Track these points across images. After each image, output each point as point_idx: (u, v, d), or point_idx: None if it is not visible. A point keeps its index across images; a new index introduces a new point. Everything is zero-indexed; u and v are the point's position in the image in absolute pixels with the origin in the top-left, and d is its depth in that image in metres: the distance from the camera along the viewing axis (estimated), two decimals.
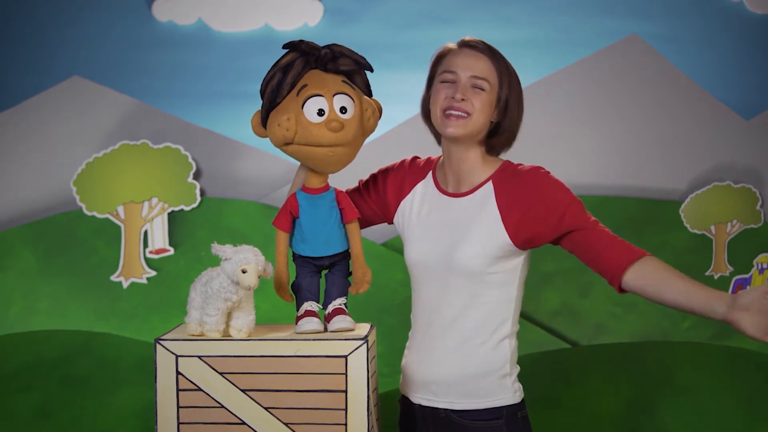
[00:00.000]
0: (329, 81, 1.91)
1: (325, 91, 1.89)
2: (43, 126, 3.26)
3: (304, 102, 1.88)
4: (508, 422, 2.02)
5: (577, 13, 3.37)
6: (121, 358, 3.21)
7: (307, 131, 1.89)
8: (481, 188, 2.02)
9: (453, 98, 1.97)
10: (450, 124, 1.98)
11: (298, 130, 1.89)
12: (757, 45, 3.46)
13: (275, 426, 1.88)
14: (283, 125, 1.89)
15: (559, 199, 1.96)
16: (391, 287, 3.26)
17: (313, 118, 1.88)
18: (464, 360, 2.02)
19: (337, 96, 1.90)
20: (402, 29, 3.31)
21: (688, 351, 3.41)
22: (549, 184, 1.97)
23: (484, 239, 1.97)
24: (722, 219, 3.47)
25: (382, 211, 2.17)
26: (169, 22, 3.27)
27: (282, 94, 1.90)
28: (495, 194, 1.99)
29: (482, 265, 1.97)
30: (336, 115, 1.89)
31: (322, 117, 1.88)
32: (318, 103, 1.88)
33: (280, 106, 1.90)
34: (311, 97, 1.88)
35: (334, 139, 1.89)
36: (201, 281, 1.94)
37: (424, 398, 2.07)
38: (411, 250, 2.08)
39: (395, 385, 2.94)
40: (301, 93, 1.89)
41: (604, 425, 3.28)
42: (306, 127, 1.88)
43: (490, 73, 1.98)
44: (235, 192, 3.31)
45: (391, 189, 2.15)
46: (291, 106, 1.89)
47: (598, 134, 3.41)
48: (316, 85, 1.89)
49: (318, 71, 1.92)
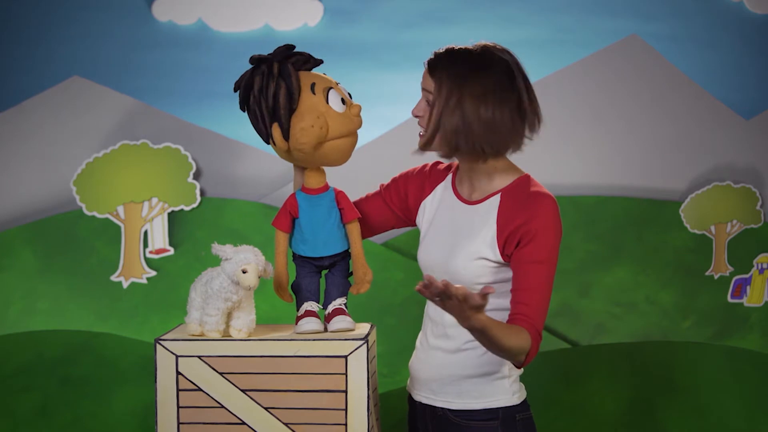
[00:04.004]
0: (320, 75, 1.94)
1: (333, 84, 1.94)
2: (43, 126, 3.26)
3: (326, 97, 1.91)
4: (504, 424, 2.02)
5: (577, 13, 3.37)
6: (121, 358, 3.21)
7: (341, 122, 1.91)
8: (489, 199, 2.02)
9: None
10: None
11: (330, 124, 1.90)
12: (757, 45, 3.46)
13: (275, 426, 1.88)
14: (317, 124, 1.89)
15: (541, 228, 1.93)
16: (391, 287, 3.26)
17: (340, 109, 1.92)
18: (463, 362, 2.03)
19: (339, 86, 1.95)
20: (402, 29, 3.30)
21: (688, 351, 3.41)
22: (546, 213, 1.95)
23: (476, 252, 1.97)
24: (722, 219, 3.47)
25: (404, 213, 2.18)
26: (169, 22, 3.27)
27: (296, 99, 1.89)
28: (499, 208, 1.99)
29: (474, 276, 1.97)
30: (350, 101, 1.95)
31: (345, 106, 1.93)
32: (336, 94, 1.92)
33: (300, 111, 1.89)
34: (329, 91, 1.91)
35: (360, 123, 1.96)
36: (201, 281, 1.94)
37: (424, 396, 2.09)
38: (420, 250, 2.10)
39: (395, 385, 2.95)
40: (317, 90, 1.90)
41: (604, 425, 3.28)
42: (336, 118, 1.91)
43: (430, 85, 1.99)
44: (235, 192, 3.31)
45: (412, 191, 2.16)
46: (315, 103, 1.90)
47: (598, 134, 3.41)
48: (321, 81, 1.92)
49: (303, 71, 1.93)
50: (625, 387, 3.33)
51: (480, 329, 1.79)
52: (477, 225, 2.00)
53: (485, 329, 1.79)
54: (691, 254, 3.46)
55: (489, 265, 1.98)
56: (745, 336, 3.46)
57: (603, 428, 3.28)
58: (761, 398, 3.37)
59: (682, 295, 3.43)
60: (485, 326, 1.79)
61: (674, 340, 3.42)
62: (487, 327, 1.79)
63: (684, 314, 3.44)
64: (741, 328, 3.46)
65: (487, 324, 1.79)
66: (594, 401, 3.29)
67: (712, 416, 3.33)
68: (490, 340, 1.83)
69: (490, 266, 1.98)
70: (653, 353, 3.39)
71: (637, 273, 3.41)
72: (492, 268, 1.98)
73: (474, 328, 1.79)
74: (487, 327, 1.79)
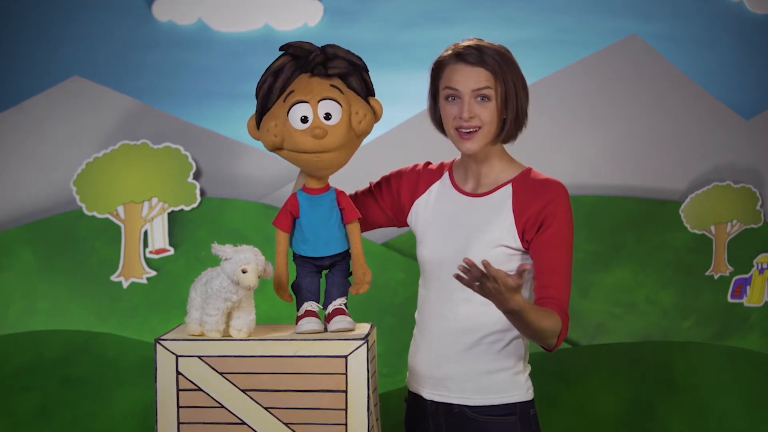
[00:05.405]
0: (315, 86, 1.90)
1: (310, 98, 1.89)
2: (43, 126, 3.26)
3: (289, 108, 1.89)
4: (522, 418, 2.04)
5: (577, 13, 3.37)
6: (121, 358, 3.21)
7: (292, 138, 1.89)
8: (499, 190, 2.04)
9: (461, 117, 2.00)
10: (465, 141, 2.02)
11: (285, 136, 1.90)
12: (757, 45, 3.46)
13: (275, 426, 1.88)
14: (271, 131, 1.90)
15: (559, 212, 1.98)
16: (391, 287, 3.26)
17: (298, 125, 1.89)
18: (479, 357, 2.03)
19: (323, 102, 1.89)
20: (402, 29, 3.31)
21: (688, 351, 3.41)
22: (561, 197, 2.00)
23: (497, 240, 2.00)
24: (722, 219, 3.47)
25: (394, 212, 2.18)
26: (169, 22, 3.27)
27: (272, 100, 1.91)
28: (513, 197, 2.02)
29: (493, 264, 1.98)
30: (320, 122, 1.88)
31: (306, 124, 1.88)
32: (302, 110, 1.88)
33: (271, 112, 1.91)
34: (296, 104, 1.89)
35: (317, 146, 1.89)
36: (201, 281, 1.94)
37: (437, 394, 2.08)
38: (425, 247, 2.10)
39: (395, 385, 2.95)
40: (288, 99, 1.90)
41: (604, 425, 3.28)
42: (291, 133, 1.89)
43: (489, 79, 1.99)
44: (235, 192, 3.31)
45: (404, 190, 2.16)
46: (279, 112, 1.90)
47: (598, 134, 3.41)
48: (301, 91, 1.89)
49: (306, 76, 1.92)
50: (625, 387, 3.33)
51: (518, 311, 1.83)
52: (491, 215, 2.02)
53: (522, 311, 1.84)
54: (691, 254, 3.46)
55: (508, 252, 2.00)
56: (745, 336, 3.46)
57: (603, 428, 3.28)
58: (761, 398, 3.37)
59: (682, 295, 3.43)
60: (522, 308, 1.83)
61: (674, 340, 3.42)
62: (524, 309, 1.84)
63: (684, 314, 3.44)
64: (741, 328, 3.46)
65: (524, 305, 1.83)
66: (594, 401, 3.29)
67: (712, 416, 3.33)
68: (526, 323, 1.87)
69: (509, 253, 2.00)
70: (653, 353, 3.39)
71: (637, 273, 3.41)
72: (509, 256, 2.01)
73: (512, 310, 1.83)
74: (524, 309, 1.84)
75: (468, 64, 2.00)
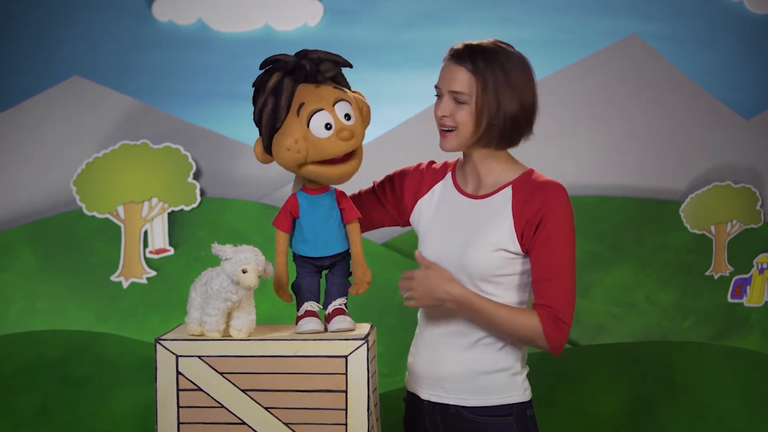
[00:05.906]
0: (323, 92, 1.89)
1: (324, 104, 1.87)
2: (43, 126, 3.26)
3: (308, 120, 1.87)
4: (518, 419, 2.04)
5: (577, 13, 3.37)
6: (121, 358, 3.21)
7: (320, 148, 1.87)
8: (500, 192, 2.04)
9: (438, 116, 2.02)
10: (441, 140, 2.03)
11: (309, 149, 1.87)
12: (757, 45, 3.46)
13: (275, 426, 1.88)
14: (293, 148, 1.86)
15: (555, 213, 1.97)
16: (391, 287, 3.24)
17: (322, 134, 1.87)
18: (476, 358, 2.03)
19: (337, 105, 1.89)
20: (402, 29, 3.31)
21: (688, 351, 3.41)
22: (559, 199, 1.98)
23: (496, 243, 1.99)
24: (722, 219, 3.47)
25: (398, 212, 2.18)
26: (169, 22, 3.27)
27: (281, 119, 1.88)
28: (512, 199, 2.01)
29: (492, 268, 1.99)
30: (342, 124, 1.88)
31: (330, 130, 1.87)
32: (323, 118, 1.87)
33: (282, 130, 1.88)
34: (314, 114, 1.87)
35: (348, 148, 1.88)
36: (201, 281, 1.94)
37: (434, 394, 2.08)
38: (425, 248, 2.09)
39: (395, 385, 2.95)
40: (302, 112, 1.87)
41: (604, 425, 3.28)
42: (317, 144, 1.87)
43: (468, 83, 1.98)
44: (235, 192, 3.31)
45: (408, 189, 2.16)
46: (295, 127, 1.87)
47: (598, 134, 3.41)
48: (313, 101, 1.88)
49: (306, 85, 1.90)
50: (625, 387, 3.33)
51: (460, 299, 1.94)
52: (491, 217, 2.01)
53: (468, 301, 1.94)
54: (691, 254, 3.46)
55: (507, 256, 1.99)
56: (745, 336, 3.46)
57: (603, 428, 3.28)
58: (761, 398, 3.37)
59: (682, 295, 3.43)
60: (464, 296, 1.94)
61: (674, 340, 3.42)
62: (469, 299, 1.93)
63: (684, 314, 3.44)
64: (741, 328, 3.46)
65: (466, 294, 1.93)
66: (594, 401, 3.29)
67: (712, 416, 3.33)
68: (485, 318, 1.95)
69: (507, 257, 2.00)
70: (653, 353, 3.39)
71: (637, 273, 3.41)
72: (508, 260, 2.00)
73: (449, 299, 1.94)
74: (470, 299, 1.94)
75: (453, 64, 2.00)
